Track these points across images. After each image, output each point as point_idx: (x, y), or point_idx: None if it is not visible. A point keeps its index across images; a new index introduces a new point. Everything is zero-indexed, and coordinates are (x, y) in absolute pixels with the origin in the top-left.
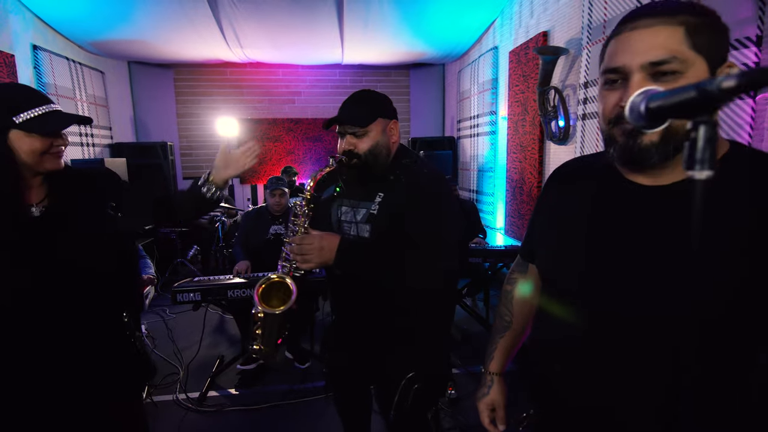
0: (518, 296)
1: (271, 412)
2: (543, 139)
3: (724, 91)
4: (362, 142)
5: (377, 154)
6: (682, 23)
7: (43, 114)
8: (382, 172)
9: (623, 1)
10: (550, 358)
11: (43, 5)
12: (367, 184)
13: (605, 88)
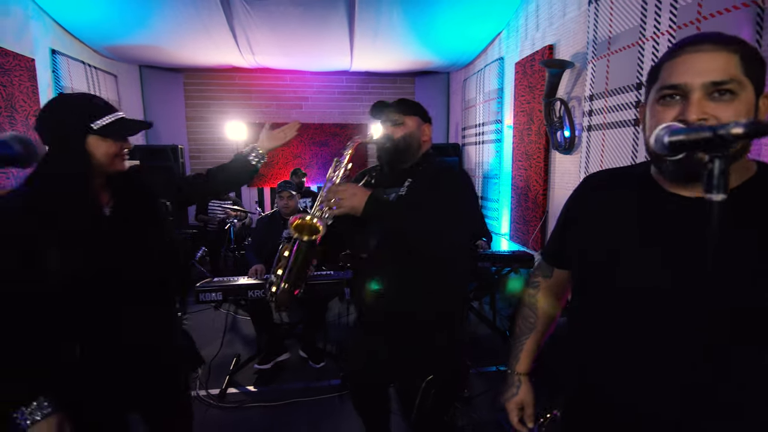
0: (542, 299)
1: (289, 408)
2: (548, 149)
3: (735, 135)
4: (398, 130)
5: (408, 144)
6: (737, 51)
7: (115, 120)
8: (410, 162)
9: (628, 19)
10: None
11: (63, 11)
12: (397, 171)
13: (660, 104)
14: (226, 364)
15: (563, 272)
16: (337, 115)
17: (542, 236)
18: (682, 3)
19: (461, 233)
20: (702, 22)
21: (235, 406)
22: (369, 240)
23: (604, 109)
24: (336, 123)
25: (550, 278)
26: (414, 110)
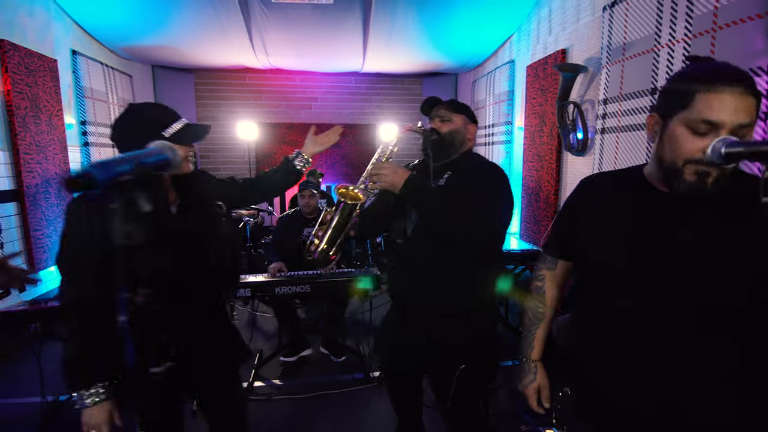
0: (549, 290)
1: (316, 400)
2: (561, 150)
3: None
4: (445, 125)
5: (452, 138)
6: (757, 96)
7: (183, 127)
8: (452, 156)
9: (643, 27)
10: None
11: (84, 12)
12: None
13: (692, 133)
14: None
15: (567, 263)
16: (346, 116)
17: None
18: (698, 12)
19: (495, 229)
20: (717, 31)
21: (264, 398)
22: (405, 227)
23: (618, 113)
24: (345, 123)
25: (555, 270)
26: (462, 110)
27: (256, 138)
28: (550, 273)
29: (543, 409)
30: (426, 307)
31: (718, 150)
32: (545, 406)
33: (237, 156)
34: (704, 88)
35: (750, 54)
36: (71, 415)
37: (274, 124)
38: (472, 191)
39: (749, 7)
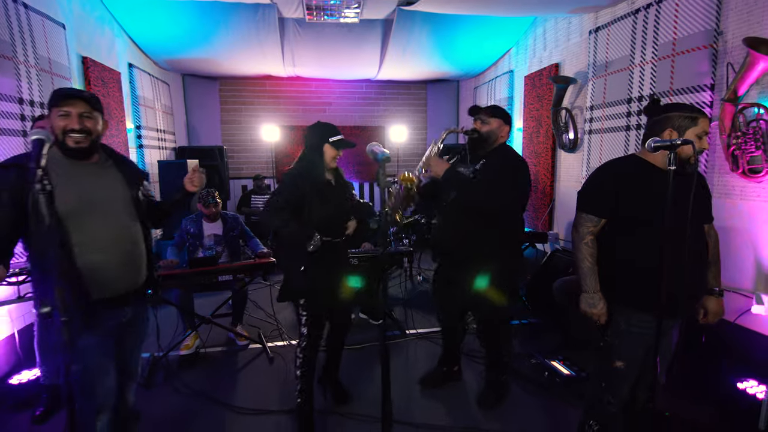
0: (594, 242)
1: (364, 351)
2: (555, 148)
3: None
4: (483, 126)
5: (488, 137)
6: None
7: (339, 139)
8: (488, 148)
9: (620, 49)
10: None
11: (139, 30)
12: (475, 155)
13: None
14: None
15: (603, 222)
16: (358, 118)
17: (550, 219)
18: (662, 41)
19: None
20: (676, 56)
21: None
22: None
23: (602, 118)
24: (356, 125)
25: (597, 227)
26: (499, 114)
27: (277, 140)
28: (595, 228)
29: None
30: (463, 252)
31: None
32: (602, 322)
33: (257, 156)
34: (700, 115)
35: (699, 74)
36: (171, 366)
37: (292, 126)
38: (497, 174)
39: (699, 40)
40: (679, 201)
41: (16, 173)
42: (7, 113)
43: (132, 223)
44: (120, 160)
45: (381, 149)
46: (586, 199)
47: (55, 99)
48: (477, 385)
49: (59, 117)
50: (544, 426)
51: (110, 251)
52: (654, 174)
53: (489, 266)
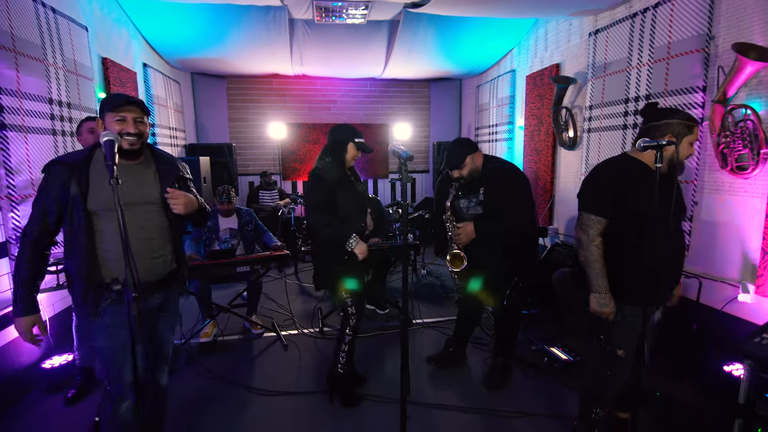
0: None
1: (374, 339)
2: (555, 146)
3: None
4: (462, 171)
5: (471, 173)
6: None
7: (361, 141)
8: (478, 179)
9: (618, 52)
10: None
11: (154, 31)
12: (471, 184)
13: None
14: (305, 315)
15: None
16: (362, 116)
17: (550, 214)
18: (658, 44)
19: (526, 216)
20: (671, 59)
21: (335, 337)
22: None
23: (600, 117)
24: (361, 123)
25: (604, 227)
26: (464, 153)
27: (284, 137)
28: (600, 228)
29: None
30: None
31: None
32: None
33: (264, 153)
34: (695, 124)
35: (692, 76)
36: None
37: (298, 124)
38: (505, 200)
39: (692, 44)
40: (665, 200)
41: (62, 170)
42: (39, 113)
43: (161, 218)
44: (160, 159)
45: (403, 149)
46: (592, 200)
47: (112, 104)
48: (481, 370)
49: (116, 121)
50: (544, 405)
51: (137, 243)
52: (648, 173)
53: (504, 263)
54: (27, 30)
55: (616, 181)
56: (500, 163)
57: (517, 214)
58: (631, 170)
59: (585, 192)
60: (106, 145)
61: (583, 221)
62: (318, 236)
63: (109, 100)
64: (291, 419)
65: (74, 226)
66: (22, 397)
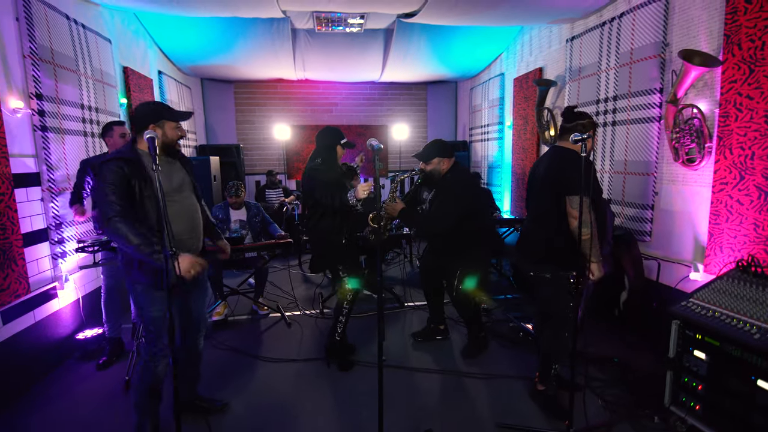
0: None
1: (369, 319)
2: (539, 144)
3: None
4: (427, 166)
5: (432, 172)
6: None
7: (347, 141)
8: (437, 180)
9: (590, 56)
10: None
11: (168, 41)
12: (431, 180)
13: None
14: (306, 298)
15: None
16: (362, 118)
17: None
18: (622, 50)
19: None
20: (633, 64)
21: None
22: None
23: None
24: (361, 125)
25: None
26: (436, 154)
27: (288, 138)
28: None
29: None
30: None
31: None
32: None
33: (270, 153)
34: (592, 123)
35: (651, 79)
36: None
37: (302, 125)
38: (437, 205)
39: (650, 50)
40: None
41: (122, 164)
42: (73, 116)
43: (195, 202)
44: (183, 158)
45: (376, 142)
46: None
47: (176, 117)
48: (461, 343)
49: (175, 128)
50: (514, 369)
51: (184, 222)
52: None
53: (453, 258)
54: (63, 45)
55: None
56: (460, 177)
57: (434, 224)
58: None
59: (575, 179)
60: (149, 140)
61: (577, 203)
62: (317, 227)
63: (174, 113)
64: (294, 380)
65: (151, 210)
66: (61, 363)
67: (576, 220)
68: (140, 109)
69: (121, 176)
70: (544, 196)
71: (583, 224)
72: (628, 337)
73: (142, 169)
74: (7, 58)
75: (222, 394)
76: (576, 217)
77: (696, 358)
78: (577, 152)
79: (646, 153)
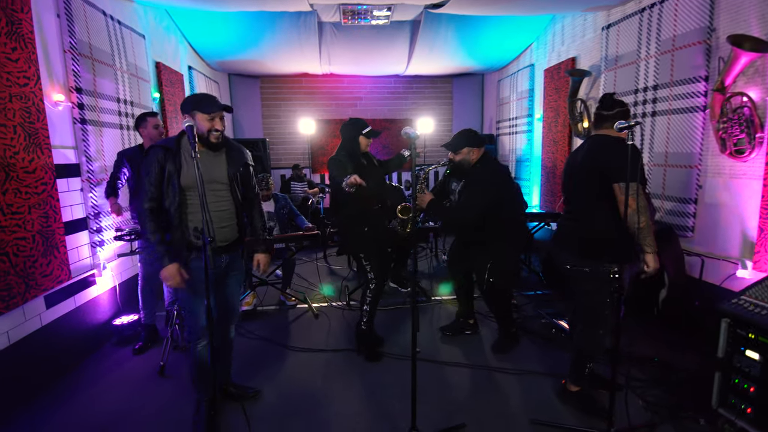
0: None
1: (396, 312)
2: (571, 137)
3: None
4: (456, 156)
5: (462, 162)
6: None
7: (370, 130)
8: (467, 170)
9: (629, 43)
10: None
11: (198, 37)
12: (460, 170)
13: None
14: (335, 290)
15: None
16: (386, 112)
17: None
18: (664, 37)
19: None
20: (675, 51)
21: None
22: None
23: None
24: (385, 118)
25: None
26: (466, 143)
27: (313, 132)
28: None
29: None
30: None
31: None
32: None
33: (295, 148)
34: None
35: (695, 67)
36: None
37: (326, 120)
38: (466, 196)
39: (694, 36)
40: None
41: (161, 152)
42: (110, 110)
43: (228, 195)
44: (231, 147)
45: (412, 130)
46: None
47: (207, 108)
48: (492, 338)
49: (207, 120)
50: (546, 366)
51: (213, 213)
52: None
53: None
54: (100, 40)
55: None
56: (490, 167)
57: (464, 215)
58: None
59: (626, 166)
60: (188, 129)
61: (635, 191)
62: (343, 213)
63: (205, 104)
64: (323, 370)
65: (170, 198)
66: (99, 348)
67: (631, 208)
68: (184, 100)
69: (156, 163)
70: (585, 187)
71: (640, 211)
72: (668, 336)
73: (178, 157)
74: (49, 53)
75: (253, 382)
76: (630, 204)
77: (748, 358)
78: (621, 139)
79: (689, 144)
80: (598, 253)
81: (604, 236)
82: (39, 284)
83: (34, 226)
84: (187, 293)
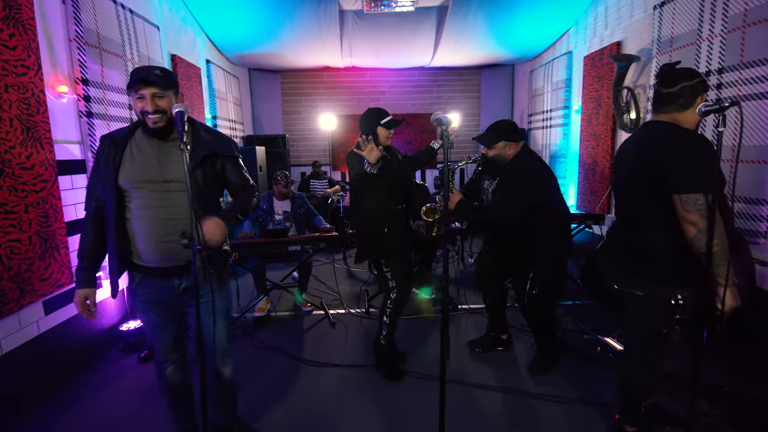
0: None
1: (417, 321)
2: (615, 129)
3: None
4: (490, 151)
5: (496, 158)
6: None
7: (389, 120)
8: (501, 165)
9: (687, 23)
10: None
11: (216, 29)
12: (493, 166)
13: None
14: (351, 296)
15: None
16: (410, 106)
17: (609, 202)
18: (732, 12)
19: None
20: (747, 28)
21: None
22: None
23: None
24: (409, 113)
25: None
26: (501, 137)
27: (334, 128)
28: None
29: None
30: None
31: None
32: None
33: (315, 144)
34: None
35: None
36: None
37: (348, 115)
38: (501, 194)
39: None
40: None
41: (108, 144)
42: (118, 102)
43: (182, 197)
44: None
45: (444, 115)
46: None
47: (130, 83)
48: (527, 356)
49: (137, 100)
50: (593, 392)
51: (159, 223)
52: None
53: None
54: (109, 29)
55: (704, 152)
56: (530, 164)
57: (499, 217)
58: (702, 139)
59: (692, 170)
60: (178, 115)
61: (704, 203)
62: (361, 214)
63: (131, 80)
64: (337, 388)
65: (107, 201)
66: (105, 353)
67: (694, 227)
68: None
69: (101, 156)
70: (638, 189)
71: (712, 233)
72: (733, 360)
73: (120, 148)
74: (52, 41)
75: (258, 398)
76: (694, 222)
77: None
78: (688, 128)
79: (761, 136)
80: (653, 274)
81: (661, 254)
82: (36, 289)
83: (32, 227)
84: (143, 320)
